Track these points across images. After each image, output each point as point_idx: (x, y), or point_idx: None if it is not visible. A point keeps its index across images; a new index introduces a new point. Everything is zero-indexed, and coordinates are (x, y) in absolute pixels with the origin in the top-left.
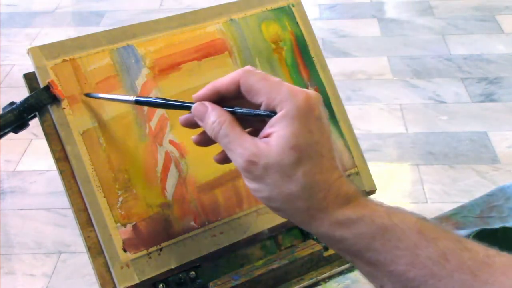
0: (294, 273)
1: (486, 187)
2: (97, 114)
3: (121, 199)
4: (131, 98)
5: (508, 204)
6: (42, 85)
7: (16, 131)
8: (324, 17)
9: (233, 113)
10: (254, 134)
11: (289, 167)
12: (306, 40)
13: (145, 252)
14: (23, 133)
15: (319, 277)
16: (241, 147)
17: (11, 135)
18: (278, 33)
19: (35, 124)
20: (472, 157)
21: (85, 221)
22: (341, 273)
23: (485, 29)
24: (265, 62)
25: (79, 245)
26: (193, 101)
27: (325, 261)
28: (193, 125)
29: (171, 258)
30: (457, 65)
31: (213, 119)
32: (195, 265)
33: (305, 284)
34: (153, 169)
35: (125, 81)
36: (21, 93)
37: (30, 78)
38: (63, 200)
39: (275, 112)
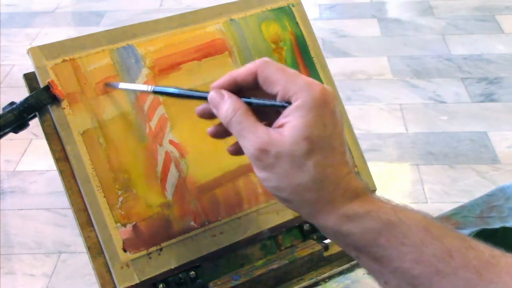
0: (294, 273)
1: (486, 187)
2: (97, 114)
3: (121, 199)
4: (149, 88)
5: (508, 204)
6: (42, 85)
7: (16, 131)
8: (324, 17)
9: (249, 104)
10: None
11: (300, 158)
12: (306, 40)
13: (145, 252)
14: (23, 133)
15: (319, 277)
16: (253, 134)
17: (11, 135)
18: (278, 33)
19: (35, 124)
20: (472, 157)
21: (85, 221)
22: (341, 273)
23: (485, 29)
24: None
25: (79, 245)
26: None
27: (325, 261)
28: (209, 115)
29: (171, 258)
30: (457, 65)
31: (227, 106)
32: (195, 265)
33: (305, 284)
34: (153, 169)
35: (125, 81)
36: (21, 93)
37: (30, 78)
38: (63, 200)
39: (290, 103)
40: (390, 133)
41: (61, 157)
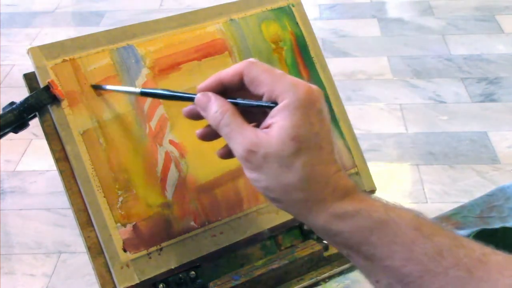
0: (294, 273)
1: (486, 187)
2: (97, 114)
3: (121, 199)
4: (136, 90)
5: (508, 204)
6: (42, 85)
7: (16, 131)
8: (324, 17)
9: (236, 104)
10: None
11: (288, 158)
12: (306, 40)
13: (145, 252)
14: (23, 133)
15: (319, 277)
16: (241, 136)
17: (11, 135)
18: (278, 33)
19: (35, 124)
20: (472, 157)
21: (85, 221)
22: (341, 273)
23: (485, 29)
24: (265, 62)
25: (79, 245)
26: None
27: (325, 261)
28: (196, 116)
29: (171, 258)
30: (457, 65)
31: (215, 108)
32: (195, 265)
33: (305, 284)
34: (153, 169)
35: (125, 81)
36: (21, 93)
37: (30, 78)
38: (63, 200)
39: (276, 103)
40: (390, 133)
41: (61, 157)
